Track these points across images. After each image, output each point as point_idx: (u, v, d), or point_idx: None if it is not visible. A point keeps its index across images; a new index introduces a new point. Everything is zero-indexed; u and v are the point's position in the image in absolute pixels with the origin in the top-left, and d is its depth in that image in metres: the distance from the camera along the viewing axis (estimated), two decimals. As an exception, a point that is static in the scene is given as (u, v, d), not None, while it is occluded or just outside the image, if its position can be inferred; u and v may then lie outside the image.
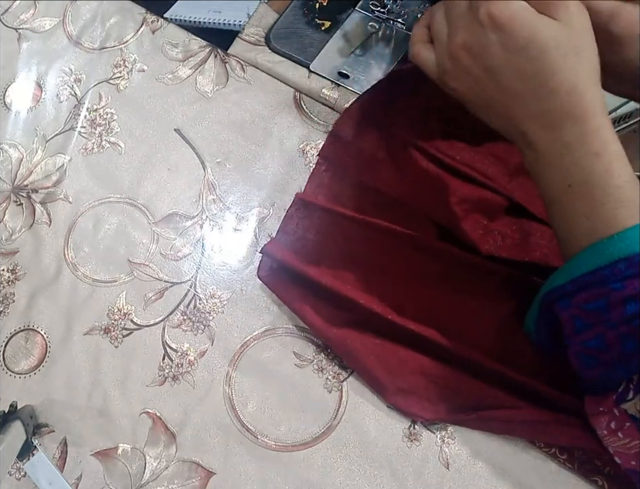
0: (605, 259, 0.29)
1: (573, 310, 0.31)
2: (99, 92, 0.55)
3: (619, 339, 0.29)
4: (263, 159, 0.51)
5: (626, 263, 0.28)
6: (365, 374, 0.42)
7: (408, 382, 0.41)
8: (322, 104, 0.51)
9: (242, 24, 0.55)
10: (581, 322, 0.31)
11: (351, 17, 0.53)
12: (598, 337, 0.30)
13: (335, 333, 0.42)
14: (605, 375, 0.31)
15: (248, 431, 0.43)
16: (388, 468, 0.41)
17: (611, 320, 0.29)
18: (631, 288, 0.28)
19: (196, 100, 0.53)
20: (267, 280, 0.44)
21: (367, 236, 0.43)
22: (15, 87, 0.57)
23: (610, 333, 0.29)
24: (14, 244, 0.52)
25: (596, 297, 0.29)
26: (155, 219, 0.50)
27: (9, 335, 0.49)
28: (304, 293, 0.43)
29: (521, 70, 0.30)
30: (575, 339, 0.31)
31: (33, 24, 0.59)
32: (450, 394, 0.40)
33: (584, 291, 0.30)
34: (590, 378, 0.32)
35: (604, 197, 0.29)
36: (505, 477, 0.40)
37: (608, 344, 0.30)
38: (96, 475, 0.44)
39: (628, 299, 0.28)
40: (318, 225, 0.44)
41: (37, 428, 0.46)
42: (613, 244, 0.29)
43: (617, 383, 0.31)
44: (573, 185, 0.30)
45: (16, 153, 0.55)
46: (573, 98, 0.29)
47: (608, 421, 0.32)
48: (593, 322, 0.30)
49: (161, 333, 0.47)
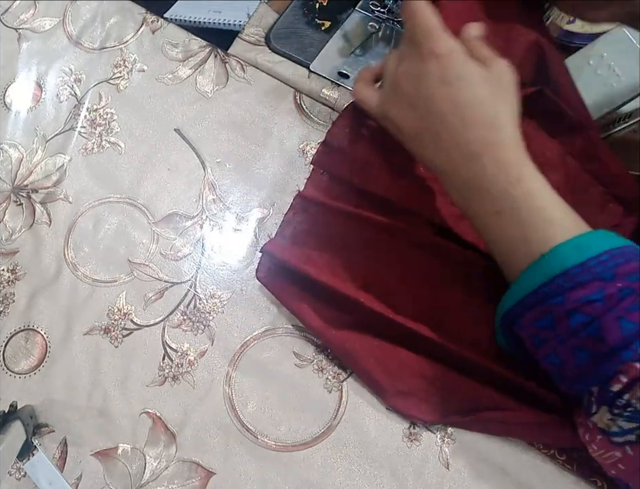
0: (544, 277, 0.30)
1: (528, 330, 0.32)
2: (99, 92, 0.55)
3: (571, 352, 0.29)
4: (263, 159, 0.51)
5: (564, 277, 0.29)
6: (364, 376, 0.42)
7: (407, 385, 0.41)
8: (322, 104, 0.51)
9: (242, 24, 0.55)
10: (538, 339, 0.31)
11: (351, 17, 0.53)
12: (554, 353, 0.30)
13: (334, 334, 0.42)
14: (570, 390, 0.32)
15: (248, 431, 0.43)
16: (388, 468, 0.41)
17: (559, 334, 0.30)
18: (571, 301, 0.29)
19: (196, 100, 0.53)
20: (266, 281, 0.44)
21: (366, 234, 0.43)
22: (15, 87, 0.57)
23: (562, 348, 0.30)
24: (14, 244, 0.52)
25: (543, 314, 0.30)
26: (155, 219, 0.50)
27: (9, 335, 0.49)
28: (303, 294, 0.43)
29: (452, 99, 0.33)
30: (537, 356, 0.32)
31: (33, 24, 0.59)
32: (449, 396, 0.40)
33: (530, 311, 0.31)
34: (562, 390, 0.33)
35: (531, 219, 0.31)
36: (505, 477, 0.40)
37: (563, 359, 0.30)
38: (96, 475, 0.44)
39: (570, 312, 0.29)
40: (317, 224, 0.45)
41: (37, 428, 0.46)
42: (548, 262, 0.30)
43: (580, 398, 0.31)
44: (502, 212, 0.32)
45: (16, 153, 0.55)
46: (493, 130, 0.32)
47: (583, 433, 0.32)
48: (547, 338, 0.31)
49: (161, 333, 0.47)
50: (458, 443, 0.41)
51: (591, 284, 0.28)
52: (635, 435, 0.28)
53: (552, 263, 0.30)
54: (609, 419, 0.29)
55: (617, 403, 0.28)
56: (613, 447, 0.29)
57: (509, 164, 0.32)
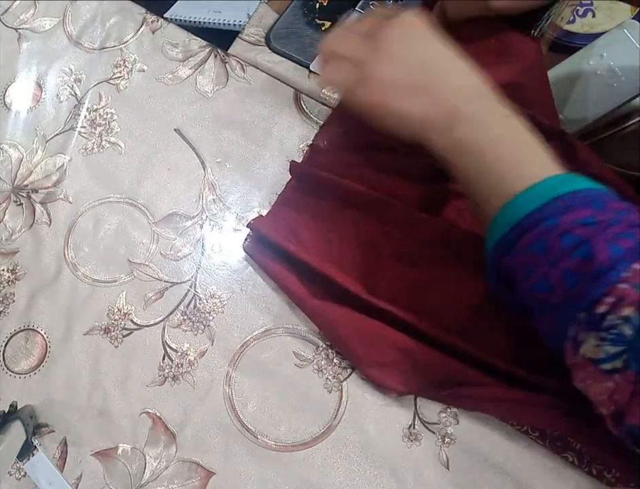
0: (537, 202, 0.32)
1: (519, 258, 0.33)
2: (99, 92, 0.55)
3: (561, 275, 0.30)
4: (263, 159, 0.51)
5: (556, 201, 0.31)
6: (342, 346, 0.43)
7: (384, 355, 0.41)
8: (322, 104, 0.51)
9: (242, 24, 0.55)
10: (527, 267, 0.32)
11: (351, 17, 0.53)
12: (544, 278, 0.31)
13: (317, 304, 0.42)
14: (557, 321, 0.32)
15: (248, 431, 0.43)
16: (388, 468, 0.41)
17: (551, 257, 0.31)
18: (565, 223, 0.30)
19: (196, 100, 0.53)
20: (252, 252, 0.46)
21: (350, 213, 0.45)
22: (15, 87, 0.57)
23: (553, 272, 0.31)
24: (14, 244, 0.52)
25: (536, 238, 0.31)
26: (155, 219, 0.50)
27: (9, 335, 0.49)
28: (287, 266, 0.44)
29: (445, 52, 0.36)
30: (525, 285, 0.33)
31: (33, 24, 0.59)
32: (425, 369, 0.40)
33: (524, 235, 0.32)
34: (547, 331, 0.33)
35: (536, 145, 0.34)
36: (505, 477, 0.40)
37: (553, 284, 0.31)
38: (96, 475, 0.44)
39: (563, 234, 0.30)
40: (303, 202, 0.46)
41: (37, 428, 0.46)
42: (542, 188, 0.32)
43: (567, 329, 0.31)
44: (502, 135, 0.34)
45: (16, 153, 0.55)
46: (481, 80, 0.36)
47: (576, 371, 0.32)
48: (537, 263, 0.32)
49: (161, 333, 0.47)
50: (458, 443, 0.41)
51: (584, 209, 0.30)
52: (621, 360, 0.28)
53: (545, 190, 0.32)
54: (595, 345, 0.29)
55: (603, 326, 0.28)
56: (605, 377, 0.30)
57: (500, 103, 0.35)
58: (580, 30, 0.46)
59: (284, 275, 0.44)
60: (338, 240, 0.45)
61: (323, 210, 0.46)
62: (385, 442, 0.42)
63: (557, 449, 0.39)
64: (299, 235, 0.45)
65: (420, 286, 0.43)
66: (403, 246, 0.43)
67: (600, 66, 0.43)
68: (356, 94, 0.38)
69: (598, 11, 0.47)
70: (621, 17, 0.46)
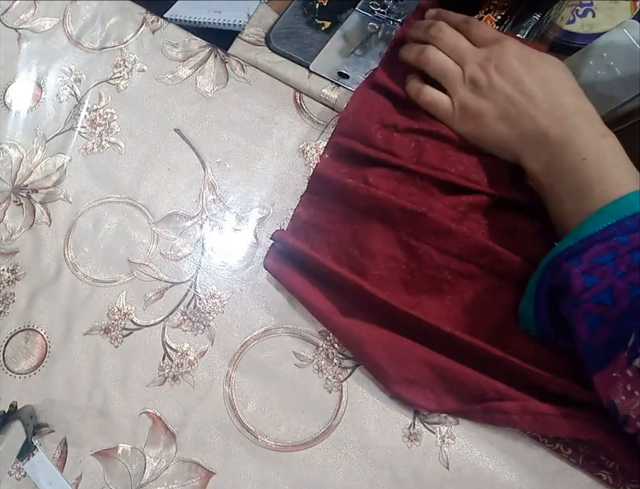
0: (613, 218, 0.33)
1: (584, 266, 0.33)
2: (99, 92, 0.55)
3: (627, 287, 0.32)
4: (263, 159, 0.51)
5: (631, 220, 0.32)
6: (369, 363, 0.42)
7: (413, 372, 0.41)
8: (322, 104, 0.51)
9: (242, 24, 0.55)
10: (590, 277, 0.33)
11: (351, 17, 0.53)
12: (608, 289, 0.32)
13: (342, 320, 0.42)
14: (613, 333, 0.33)
15: (248, 431, 0.43)
16: (388, 468, 0.41)
17: (619, 270, 0.32)
18: (636, 240, 0.32)
19: (196, 100, 0.53)
20: (273, 268, 0.44)
21: (373, 218, 0.43)
22: (15, 87, 0.57)
23: (619, 283, 0.32)
24: (14, 244, 0.52)
25: (605, 251, 0.33)
26: (155, 219, 0.50)
27: (9, 335, 0.49)
28: (312, 281, 0.43)
29: (542, 79, 0.39)
30: (583, 296, 0.33)
31: (33, 24, 0.59)
32: (454, 385, 0.40)
33: (593, 247, 0.33)
34: (596, 344, 0.33)
35: (614, 166, 0.35)
36: (506, 477, 0.40)
37: (616, 296, 0.32)
38: (96, 475, 0.44)
39: (633, 250, 0.32)
40: (326, 212, 0.45)
41: (37, 428, 0.46)
42: (619, 205, 0.34)
43: (626, 339, 0.32)
44: (588, 157, 0.36)
45: (16, 153, 0.55)
46: (580, 95, 0.39)
47: (623, 385, 0.32)
48: (602, 275, 0.33)
49: (161, 333, 0.47)
50: (458, 443, 0.41)
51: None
52: None
53: (621, 207, 0.33)
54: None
55: None
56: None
57: (595, 122, 0.38)
58: (580, 30, 0.46)
59: (308, 291, 0.43)
60: (360, 254, 0.43)
61: (343, 223, 0.44)
62: (385, 442, 0.42)
63: (591, 468, 0.38)
64: (325, 246, 0.44)
65: (448, 298, 0.42)
66: (432, 259, 0.42)
67: (600, 66, 0.43)
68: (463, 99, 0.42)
69: (598, 11, 0.47)
70: (621, 18, 0.45)
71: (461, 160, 0.43)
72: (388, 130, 0.45)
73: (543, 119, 0.38)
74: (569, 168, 0.37)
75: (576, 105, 0.38)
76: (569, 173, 0.37)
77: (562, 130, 0.38)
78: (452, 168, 0.43)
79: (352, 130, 0.46)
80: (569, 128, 0.37)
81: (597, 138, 0.36)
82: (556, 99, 0.38)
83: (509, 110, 0.40)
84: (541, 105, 0.39)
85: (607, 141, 0.36)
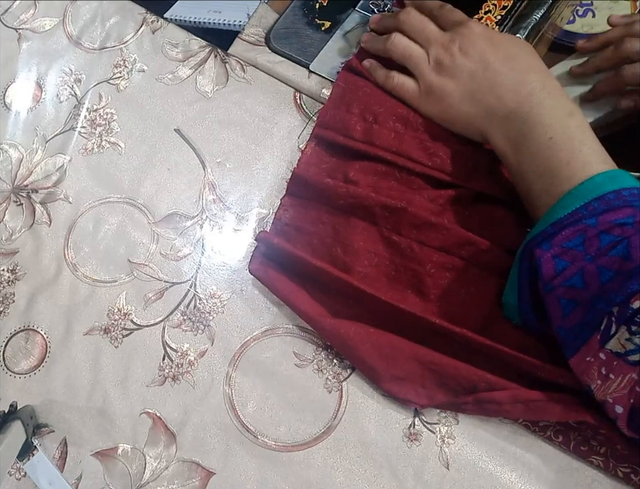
0: (580, 201, 0.33)
1: (554, 250, 0.34)
2: (99, 92, 0.55)
3: (597, 271, 0.32)
4: (263, 159, 0.51)
5: (598, 201, 0.32)
6: (359, 363, 0.42)
7: (403, 369, 0.41)
8: (322, 105, 0.51)
9: (242, 24, 0.55)
10: (561, 261, 0.33)
11: (351, 17, 0.53)
12: (579, 273, 0.32)
13: (330, 322, 0.42)
14: (586, 316, 0.33)
15: (248, 431, 0.43)
16: (388, 468, 0.41)
17: (588, 254, 0.32)
18: (603, 223, 0.32)
19: (196, 100, 0.53)
20: (258, 273, 0.44)
21: (358, 215, 0.44)
22: (15, 87, 0.57)
23: (589, 267, 0.32)
24: (14, 244, 0.52)
25: (574, 234, 0.33)
26: (155, 219, 0.50)
27: (9, 335, 0.49)
28: (298, 284, 0.43)
29: (506, 56, 0.39)
30: (555, 281, 0.33)
31: (33, 24, 0.59)
32: (445, 379, 0.40)
33: (563, 231, 0.33)
34: (569, 328, 0.34)
35: (580, 144, 0.35)
36: (505, 477, 0.40)
37: (587, 280, 0.32)
38: (96, 475, 0.44)
39: (601, 233, 0.32)
40: (307, 213, 0.45)
41: (37, 428, 0.46)
42: (586, 187, 0.33)
43: (598, 322, 0.32)
44: (554, 136, 0.36)
45: (16, 153, 0.55)
46: (546, 73, 0.39)
47: (598, 368, 0.33)
48: (573, 259, 0.33)
49: (161, 333, 0.47)
50: (458, 443, 0.41)
51: (623, 209, 0.31)
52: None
53: (589, 189, 0.33)
54: (626, 339, 0.30)
55: (636, 320, 0.30)
56: (630, 369, 0.30)
57: (563, 100, 0.37)
58: (580, 30, 0.46)
59: (295, 294, 0.43)
60: (344, 253, 0.43)
61: (324, 223, 0.45)
62: (385, 442, 0.42)
63: (582, 453, 0.39)
64: (310, 245, 0.44)
65: (433, 292, 0.42)
66: (415, 253, 0.42)
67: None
68: (430, 81, 0.42)
69: (598, 11, 0.47)
70: (621, 18, 0.45)
71: (437, 152, 0.43)
72: (367, 121, 0.45)
73: (508, 96, 0.38)
74: (536, 148, 0.37)
75: (541, 81, 0.38)
76: (536, 153, 0.37)
77: (528, 107, 0.37)
78: (429, 160, 0.43)
79: (333, 121, 0.46)
80: (535, 103, 0.37)
81: (564, 117, 0.36)
82: (520, 76, 0.38)
83: (473, 88, 0.40)
84: (505, 82, 0.38)
85: (573, 119, 0.36)
